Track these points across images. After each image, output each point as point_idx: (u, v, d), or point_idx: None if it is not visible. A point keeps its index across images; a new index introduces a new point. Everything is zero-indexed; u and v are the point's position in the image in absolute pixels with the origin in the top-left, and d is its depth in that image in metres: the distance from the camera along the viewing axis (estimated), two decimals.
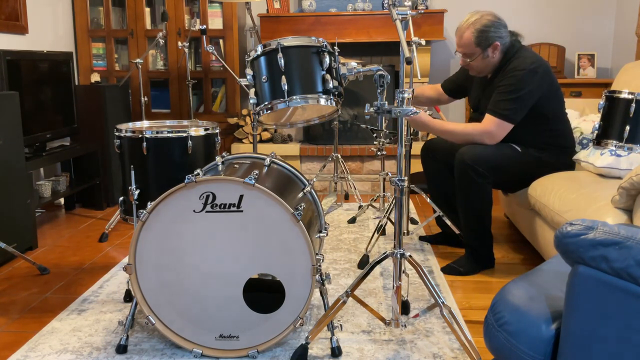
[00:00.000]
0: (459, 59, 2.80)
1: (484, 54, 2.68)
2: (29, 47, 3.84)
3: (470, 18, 2.68)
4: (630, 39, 4.23)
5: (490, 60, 2.71)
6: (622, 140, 2.36)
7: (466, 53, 2.71)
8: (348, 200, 4.23)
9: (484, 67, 2.75)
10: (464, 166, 2.60)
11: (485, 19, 2.65)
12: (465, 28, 2.68)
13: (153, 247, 1.92)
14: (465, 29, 2.68)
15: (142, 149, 2.21)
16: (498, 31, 2.66)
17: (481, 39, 2.65)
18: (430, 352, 2.00)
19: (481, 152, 2.61)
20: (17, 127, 2.99)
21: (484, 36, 2.64)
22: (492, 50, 2.67)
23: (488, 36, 2.64)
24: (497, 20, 2.67)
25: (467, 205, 2.69)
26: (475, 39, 2.65)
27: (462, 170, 2.62)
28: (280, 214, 1.86)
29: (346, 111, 4.54)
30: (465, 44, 2.69)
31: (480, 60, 2.71)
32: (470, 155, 2.60)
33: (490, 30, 2.64)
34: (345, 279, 2.67)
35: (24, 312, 2.38)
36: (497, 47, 2.67)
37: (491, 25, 2.65)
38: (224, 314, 1.94)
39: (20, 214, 3.02)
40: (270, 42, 2.10)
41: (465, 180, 2.63)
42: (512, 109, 2.60)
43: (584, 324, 1.12)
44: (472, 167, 2.58)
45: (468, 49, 2.69)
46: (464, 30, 2.69)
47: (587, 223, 1.12)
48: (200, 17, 4.49)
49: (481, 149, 2.63)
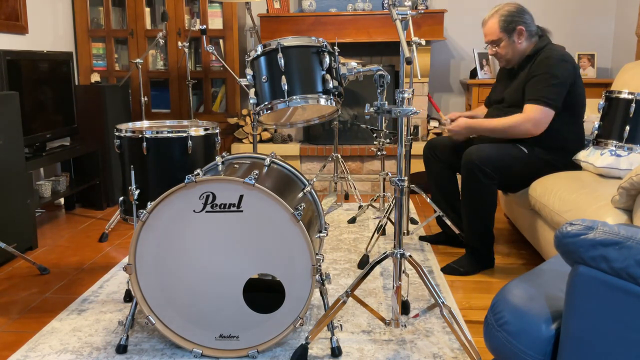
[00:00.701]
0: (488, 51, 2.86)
1: (510, 39, 2.73)
2: (29, 47, 3.84)
3: (495, 8, 2.79)
4: (630, 39, 4.23)
5: (517, 47, 2.74)
6: (622, 140, 2.36)
7: (493, 40, 2.77)
8: (348, 200, 4.24)
9: (512, 55, 2.77)
10: (472, 166, 2.60)
11: (508, 6, 2.76)
12: (490, 16, 2.78)
13: (153, 247, 1.92)
14: (489, 17, 2.78)
15: (142, 149, 2.21)
16: (522, 17, 2.74)
17: (505, 24, 2.72)
18: (430, 352, 2.00)
19: (488, 153, 2.61)
20: (17, 127, 2.99)
21: (509, 20, 2.72)
22: (518, 35, 2.72)
23: (512, 20, 2.72)
24: (520, 7, 2.77)
25: (471, 205, 2.69)
26: (499, 24, 2.73)
27: (469, 170, 2.62)
28: (280, 214, 1.86)
29: (346, 111, 4.54)
30: (491, 31, 2.76)
31: (507, 47, 2.75)
32: (478, 156, 2.59)
33: (514, 15, 2.72)
34: (345, 279, 2.67)
35: (24, 312, 2.38)
36: (522, 32, 2.72)
37: (514, 11, 2.73)
38: (224, 313, 1.94)
39: (20, 214, 3.02)
40: (270, 42, 2.10)
41: (472, 180, 2.62)
42: (553, 95, 2.59)
43: (584, 324, 1.12)
44: (479, 167, 2.58)
45: (494, 36, 2.75)
46: (488, 19, 2.78)
47: (587, 223, 1.12)
48: (200, 17, 4.49)
49: (488, 150, 2.62)
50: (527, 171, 2.71)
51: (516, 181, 2.79)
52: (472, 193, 2.66)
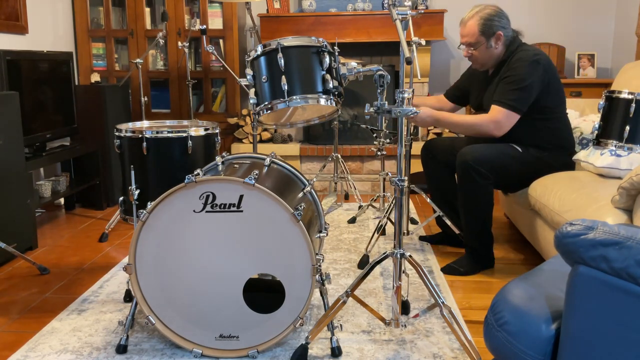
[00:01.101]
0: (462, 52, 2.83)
1: (488, 43, 2.71)
2: (29, 47, 3.84)
3: (475, 9, 2.75)
4: (630, 39, 4.23)
5: (493, 51, 2.73)
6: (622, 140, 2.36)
7: (470, 43, 2.74)
8: (348, 200, 4.24)
9: (488, 59, 2.76)
10: (466, 167, 2.60)
11: (489, 9, 2.72)
12: (470, 17, 2.74)
13: (153, 247, 1.92)
14: (469, 18, 2.74)
15: (142, 149, 2.21)
16: (502, 21, 2.71)
17: (485, 28, 2.69)
18: (430, 352, 2.00)
19: (483, 153, 2.61)
20: (17, 127, 2.99)
21: (488, 24, 2.69)
22: (496, 40, 2.70)
23: (492, 24, 2.69)
24: (500, 12, 2.73)
25: (468, 205, 2.69)
26: (479, 28, 2.69)
27: (464, 170, 2.62)
28: (280, 214, 1.86)
29: (346, 111, 4.54)
30: (469, 33, 2.72)
31: (484, 51, 2.73)
32: (472, 156, 2.60)
33: (494, 20, 2.69)
34: (345, 279, 2.67)
35: (24, 312, 2.38)
36: (501, 37, 2.70)
37: (495, 15, 2.70)
38: (224, 313, 1.94)
39: (20, 214, 3.02)
40: (270, 42, 2.10)
41: (467, 180, 2.63)
42: (518, 99, 2.60)
43: (584, 324, 1.12)
44: (473, 167, 2.59)
45: (472, 38, 2.72)
46: (468, 20, 2.74)
47: (587, 223, 1.12)
48: (200, 17, 4.49)
49: (483, 149, 2.63)
50: (523, 170, 2.72)
51: (513, 180, 2.80)
52: (468, 193, 2.66)
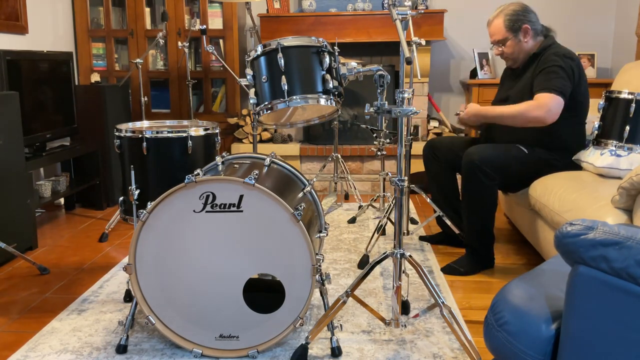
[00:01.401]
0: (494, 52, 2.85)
1: (516, 38, 2.73)
2: (29, 47, 3.84)
3: (499, 8, 2.79)
4: (630, 39, 4.23)
5: (523, 45, 2.75)
6: (622, 140, 2.36)
7: (499, 40, 2.77)
8: (348, 200, 4.24)
9: (518, 53, 2.78)
10: (472, 166, 2.60)
11: (513, 5, 2.76)
12: (495, 16, 2.78)
13: (153, 247, 1.92)
14: (494, 17, 2.78)
15: (142, 149, 2.21)
16: (527, 15, 2.74)
17: (511, 23, 2.72)
18: (430, 352, 2.00)
19: (489, 153, 2.61)
20: (17, 127, 2.99)
21: (514, 19, 2.72)
22: (524, 34, 2.73)
23: (517, 19, 2.72)
24: (525, 6, 2.77)
25: (472, 205, 2.69)
26: (505, 23, 2.73)
27: (470, 170, 2.62)
28: (280, 214, 1.86)
29: (346, 111, 4.54)
30: (496, 31, 2.76)
31: (514, 45, 2.75)
32: (479, 156, 2.59)
33: (519, 14, 2.73)
34: (345, 279, 2.67)
35: (24, 312, 2.38)
36: (528, 30, 2.72)
37: (519, 10, 2.74)
38: (223, 313, 1.94)
39: (20, 214, 3.02)
40: (270, 42, 2.10)
41: (473, 180, 2.62)
42: (562, 85, 2.58)
43: (584, 324, 1.12)
44: (480, 167, 2.58)
45: (499, 35, 2.75)
46: (493, 19, 2.78)
47: (587, 223, 1.12)
48: (200, 17, 4.49)
49: (489, 150, 2.63)
50: (527, 171, 2.71)
51: (517, 181, 2.79)
52: (473, 193, 2.66)
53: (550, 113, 2.55)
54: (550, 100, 2.55)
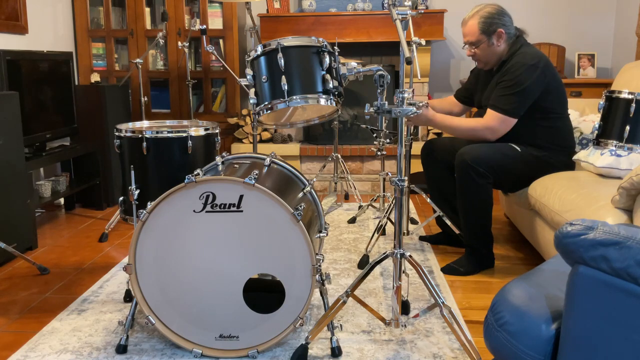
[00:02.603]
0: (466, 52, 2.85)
1: (489, 41, 2.73)
2: (29, 47, 3.84)
3: (475, 8, 2.77)
4: (630, 39, 4.23)
5: (495, 49, 2.74)
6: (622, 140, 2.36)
7: (472, 42, 2.76)
8: (348, 200, 4.24)
9: (490, 57, 2.78)
10: (465, 166, 2.61)
11: (489, 7, 2.74)
12: (470, 17, 2.76)
13: (153, 247, 1.92)
14: (469, 17, 2.76)
15: (142, 149, 2.21)
16: (502, 19, 2.72)
17: (485, 26, 2.71)
18: (430, 352, 2.00)
19: (481, 152, 2.62)
20: (17, 127, 2.99)
21: (489, 22, 2.71)
22: (497, 38, 2.72)
23: (492, 22, 2.71)
24: (500, 10, 2.75)
25: (467, 205, 2.69)
26: (480, 26, 2.71)
27: (463, 170, 2.62)
28: (280, 214, 1.86)
29: (346, 111, 4.54)
30: (471, 32, 2.74)
31: (486, 49, 2.74)
32: (471, 155, 2.60)
33: (494, 17, 2.71)
34: (345, 279, 2.67)
35: (24, 312, 2.38)
36: (502, 34, 2.71)
37: (495, 13, 2.72)
38: (223, 313, 1.94)
39: (20, 214, 3.02)
40: (270, 42, 2.10)
41: (466, 180, 2.63)
42: (513, 104, 2.62)
43: (584, 324, 1.12)
44: (472, 167, 2.59)
45: (473, 37, 2.74)
46: (468, 19, 2.76)
47: (587, 223, 1.12)
48: (200, 17, 4.50)
49: (481, 149, 2.63)
50: (522, 169, 2.72)
51: (512, 180, 2.80)
52: (467, 193, 2.67)
53: (495, 134, 2.68)
54: (497, 123, 2.65)
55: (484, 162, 2.60)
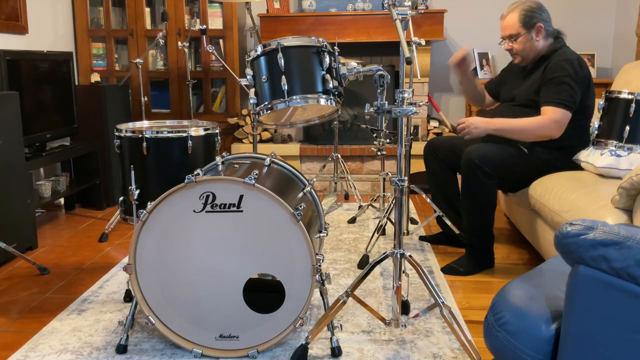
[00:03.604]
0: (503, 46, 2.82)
1: (529, 34, 2.71)
2: (29, 47, 3.84)
3: (515, 3, 2.78)
4: (630, 39, 4.23)
5: (534, 44, 2.73)
6: (622, 141, 2.36)
7: (511, 34, 2.74)
8: (348, 200, 4.24)
9: (528, 52, 2.75)
10: (472, 165, 2.60)
11: (530, 2, 2.75)
12: (510, 10, 2.76)
13: (153, 247, 1.92)
14: (509, 11, 2.76)
15: (142, 149, 2.21)
16: (542, 14, 2.74)
17: (526, 19, 2.71)
18: (430, 352, 2.00)
19: (488, 152, 2.61)
20: (17, 127, 2.99)
21: (529, 16, 2.71)
22: (537, 32, 2.71)
23: (533, 16, 2.71)
24: (541, 5, 2.76)
25: (471, 204, 2.68)
26: (520, 18, 2.71)
27: (469, 169, 2.61)
28: (280, 214, 1.86)
29: (346, 111, 4.54)
30: (510, 25, 2.74)
31: (525, 43, 2.73)
32: (478, 155, 2.59)
33: (535, 11, 2.72)
34: (345, 279, 2.67)
35: (24, 312, 2.38)
36: (541, 29, 2.71)
37: (536, 7, 2.73)
38: (224, 313, 1.94)
39: (20, 214, 3.02)
40: (270, 42, 2.10)
41: (472, 179, 2.62)
42: (570, 97, 2.58)
43: (584, 324, 1.12)
44: (479, 166, 2.58)
45: (513, 30, 2.73)
46: (508, 13, 2.76)
47: (587, 223, 1.12)
48: (200, 17, 4.49)
49: (489, 149, 2.62)
50: (527, 170, 2.71)
51: (516, 180, 2.79)
52: (472, 192, 2.66)
53: (559, 129, 2.59)
54: (559, 116, 2.57)
55: (490, 162, 2.58)
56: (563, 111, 2.57)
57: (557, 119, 2.57)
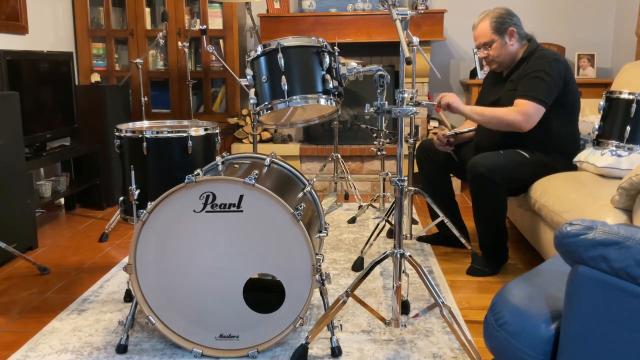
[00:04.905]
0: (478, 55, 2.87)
1: (502, 40, 2.74)
2: (29, 47, 3.84)
3: (484, 12, 2.81)
4: (630, 39, 4.23)
5: (509, 48, 2.75)
6: (623, 141, 2.36)
7: (485, 42, 2.77)
8: (348, 200, 4.24)
9: (504, 57, 2.77)
10: (481, 178, 2.57)
11: (498, 9, 2.78)
12: (480, 19, 2.80)
13: (153, 247, 1.92)
14: (480, 20, 2.80)
15: (142, 149, 2.22)
16: (512, 19, 2.76)
17: (497, 25, 2.73)
18: (430, 352, 2.00)
19: (494, 162, 2.58)
20: (17, 127, 2.99)
21: (500, 22, 2.74)
22: (509, 36, 2.74)
23: (504, 21, 2.74)
24: (509, 10, 2.79)
25: (483, 213, 2.67)
26: (491, 25, 2.74)
27: (478, 181, 2.59)
28: (280, 214, 1.86)
29: (346, 111, 4.54)
30: (483, 33, 2.77)
31: (500, 48, 2.75)
32: (485, 167, 2.56)
33: (505, 17, 2.75)
34: (345, 279, 2.67)
35: (24, 312, 2.38)
36: (514, 33, 2.73)
37: (505, 13, 2.76)
38: (224, 313, 1.94)
39: (21, 214, 3.02)
40: (270, 42, 2.10)
41: (482, 190, 2.61)
42: (545, 92, 2.59)
43: (583, 324, 1.12)
44: (488, 178, 2.55)
45: (486, 38, 2.76)
46: (479, 22, 2.80)
47: (587, 223, 1.12)
48: (200, 17, 4.50)
49: (494, 158, 2.60)
50: (529, 175, 2.70)
51: (519, 185, 2.78)
52: (484, 204, 2.64)
53: (529, 121, 2.59)
54: (530, 109, 2.59)
55: (498, 172, 2.56)
56: (536, 105, 2.59)
57: (527, 112, 2.58)
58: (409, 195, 2.87)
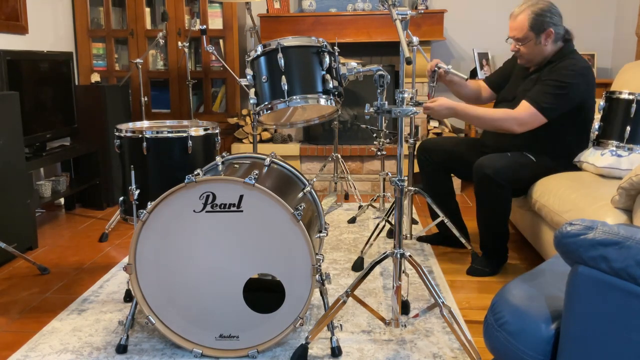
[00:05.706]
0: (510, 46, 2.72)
1: (537, 39, 2.61)
2: (29, 47, 3.84)
3: (527, 2, 2.63)
4: (630, 39, 4.23)
5: (541, 49, 2.63)
6: (623, 141, 2.36)
7: (518, 38, 2.63)
8: (348, 200, 4.24)
9: (534, 56, 2.66)
10: (487, 180, 2.56)
11: (542, 3, 2.61)
12: (521, 11, 2.62)
13: (153, 247, 1.92)
14: (520, 11, 2.62)
15: (142, 149, 2.22)
16: (554, 18, 2.61)
17: (536, 23, 2.58)
18: (430, 352, 2.00)
19: (501, 164, 2.57)
20: (17, 127, 2.99)
21: (539, 20, 2.58)
22: (546, 37, 2.60)
23: (543, 21, 2.58)
24: (553, 7, 2.62)
25: (487, 214, 2.67)
26: (529, 22, 2.59)
27: (484, 183, 2.58)
28: (280, 214, 1.86)
29: (346, 111, 4.54)
30: (519, 27, 2.61)
31: (532, 47, 2.63)
32: (492, 169, 2.55)
33: (546, 15, 2.59)
34: (345, 279, 2.67)
35: (24, 312, 2.38)
36: (551, 34, 2.60)
37: (547, 11, 2.60)
38: (224, 313, 1.94)
39: (20, 214, 3.02)
40: (270, 42, 2.10)
41: (487, 193, 2.60)
42: (552, 105, 2.52)
43: (583, 324, 1.12)
44: (494, 180, 2.54)
45: (521, 33, 2.62)
46: (518, 13, 2.62)
47: (587, 223, 1.12)
48: (200, 17, 4.50)
49: (501, 161, 2.58)
50: (533, 178, 2.69)
51: (523, 188, 2.77)
52: (489, 205, 2.64)
53: (522, 127, 2.55)
54: (527, 115, 2.53)
55: (504, 174, 2.55)
56: (536, 113, 2.53)
57: (523, 118, 2.53)
58: (409, 195, 2.87)
